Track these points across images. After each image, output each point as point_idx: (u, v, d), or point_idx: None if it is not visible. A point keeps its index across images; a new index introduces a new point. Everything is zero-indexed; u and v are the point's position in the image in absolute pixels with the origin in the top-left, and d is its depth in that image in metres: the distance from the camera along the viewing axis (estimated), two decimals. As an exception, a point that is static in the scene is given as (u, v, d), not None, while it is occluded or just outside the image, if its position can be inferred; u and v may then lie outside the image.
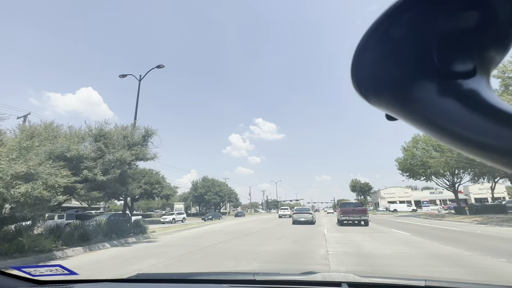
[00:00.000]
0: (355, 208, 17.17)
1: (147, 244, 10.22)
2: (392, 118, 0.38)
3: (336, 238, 10.70)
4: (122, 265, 6.45)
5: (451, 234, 11.82)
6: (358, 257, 6.76)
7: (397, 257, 6.59)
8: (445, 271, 5.24)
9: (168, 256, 7.22)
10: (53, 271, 1.38)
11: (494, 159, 0.28)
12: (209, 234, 13.75)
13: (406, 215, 38.68)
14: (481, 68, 0.31)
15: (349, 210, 17.13)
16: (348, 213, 16.95)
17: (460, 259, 6.21)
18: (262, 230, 15.66)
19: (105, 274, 5.58)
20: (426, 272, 5.20)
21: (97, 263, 6.81)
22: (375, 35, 0.32)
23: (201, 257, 7.06)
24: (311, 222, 19.67)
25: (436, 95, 0.30)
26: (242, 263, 6.16)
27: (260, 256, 6.97)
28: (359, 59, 0.34)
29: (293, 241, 10.17)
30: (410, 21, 0.30)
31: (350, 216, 16.85)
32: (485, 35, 0.29)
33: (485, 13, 0.28)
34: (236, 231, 14.89)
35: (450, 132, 0.29)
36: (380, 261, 6.21)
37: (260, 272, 1.60)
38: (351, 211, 16.93)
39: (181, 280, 1.62)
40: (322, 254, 7.15)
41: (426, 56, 0.31)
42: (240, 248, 8.60)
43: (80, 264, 6.62)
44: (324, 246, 8.49)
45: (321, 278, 1.46)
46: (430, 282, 1.36)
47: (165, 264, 6.21)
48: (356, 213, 16.76)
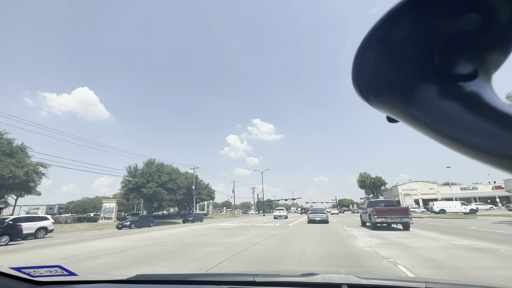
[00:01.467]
0: (393, 208, 13.81)
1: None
2: (393, 120, 0.37)
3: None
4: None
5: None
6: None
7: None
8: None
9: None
10: (52, 272, 1.37)
11: (495, 162, 0.27)
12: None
13: (484, 217, 25.02)
14: (482, 71, 0.30)
15: (385, 210, 13.69)
16: (385, 214, 13.58)
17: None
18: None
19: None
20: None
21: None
22: (377, 37, 0.31)
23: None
24: (325, 221, 20.45)
25: (438, 97, 0.30)
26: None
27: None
28: (360, 60, 0.34)
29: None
30: (411, 23, 0.30)
31: (388, 217, 13.47)
32: (486, 37, 0.29)
33: (486, 15, 0.28)
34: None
35: (451, 134, 0.29)
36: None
37: (260, 274, 1.61)
38: (388, 212, 13.54)
39: (181, 281, 1.62)
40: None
41: (427, 58, 0.31)
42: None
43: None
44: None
45: (321, 279, 1.45)
46: (430, 284, 1.37)
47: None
48: (396, 213, 13.44)
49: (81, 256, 7.48)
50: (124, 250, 8.42)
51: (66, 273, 1.39)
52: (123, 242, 11.11)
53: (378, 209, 13.81)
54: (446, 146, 0.31)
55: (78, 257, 7.41)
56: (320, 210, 22.75)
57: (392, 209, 13.58)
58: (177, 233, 14.63)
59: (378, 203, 15.40)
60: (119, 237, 13.23)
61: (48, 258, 7.45)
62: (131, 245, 9.69)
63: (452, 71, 0.30)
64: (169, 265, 5.84)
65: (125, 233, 15.94)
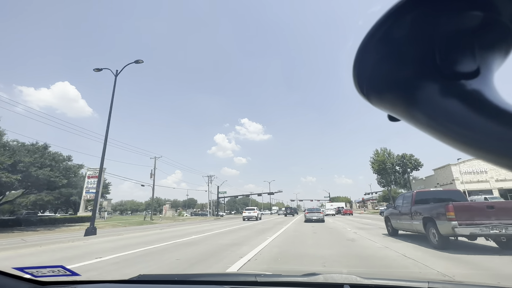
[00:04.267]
0: (497, 205, 6.31)
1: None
2: (394, 119, 0.37)
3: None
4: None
5: None
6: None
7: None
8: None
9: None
10: (55, 272, 1.37)
11: (498, 161, 0.27)
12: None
13: None
14: (484, 69, 0.30)
15: (478, 208, 6.33)
16: (479, 217, 6.09)
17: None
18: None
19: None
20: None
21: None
22: (378, 35, 0.31)
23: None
24: (322, 220, 20.64)
25: (439, 95, 0.30)
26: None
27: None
28: (361, 59, 0.34)
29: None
30: (413, 21, 0.29)
31: (485, 224, 5.94)
32: (489, 35, 0.29)
33: (488, 13, 0.28)
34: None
35: (453, 132, 0.29)
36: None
37: (261, 274, 1.60)
38: (486, 213, 6.12)
39: (183, 281, 1.64)
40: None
41: (429, 56, 0.30)
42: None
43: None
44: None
45: (323, 279, 1.44)
46: (433, 284, 1.37)
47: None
48: (501, 215, 6.00)
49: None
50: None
51: (69, 273, 1.40)
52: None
53: (459, 206, 6.37)
54: (448, 144, 0.30)
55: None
56: (316, 209, 23.07)
57: (493, 208, 6.22)
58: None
59: (435, 196, 8.45)
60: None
61: None
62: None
63: (454, 69, 0.29)
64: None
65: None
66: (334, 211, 43.71)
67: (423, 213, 7.49)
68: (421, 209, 7.73)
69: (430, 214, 7.06)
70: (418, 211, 7.82)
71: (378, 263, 5.29)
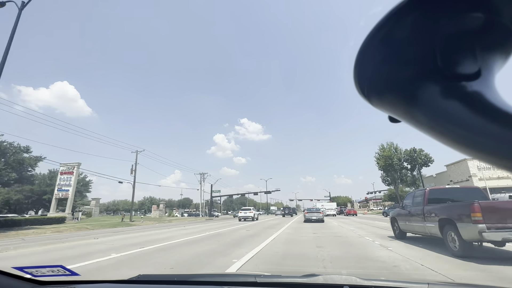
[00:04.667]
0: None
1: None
2: (395, 120, 0.37)
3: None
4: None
5: None
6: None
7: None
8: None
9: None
10: (54, 272, 1.38)
11: (498, 163, 0.27)
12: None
13: None
14: (485, 70, 0.30)
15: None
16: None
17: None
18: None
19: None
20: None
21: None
22: (379, 36, 0.31)
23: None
24: (321, 221, 20.74)
25: (440, 97, 0.30)
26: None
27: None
28: (362, 60, 0.34)
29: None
30: (414, 22, 0.29)
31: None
32: (490, 36, 0.29)
33: (490, 14, 0.27)
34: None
35: (453, 134, 0.29)
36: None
37: (261, 274, 1.61)
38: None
39: (183, 281, 1.63)
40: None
41: (430, 57, 0.30)
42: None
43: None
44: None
45: (323, 280, 1.45)
46: (432, 285, 1.37)
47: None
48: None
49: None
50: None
51: (68, 273, 1.39)
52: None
53: (488, 206, 5.31)
54: (448, 146, 0.30)
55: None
56: (316, 209, 23.26)
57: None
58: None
59: (451, 194, 7.22)
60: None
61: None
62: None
63: (455, 71, 0.29)
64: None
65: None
66: (336, 211, 40.15)
67: (439, 214, 6.52)
68: (436, 209, 6.72)
69: (448, 215, 6.15)
70: (432, 212, 6.83)
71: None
